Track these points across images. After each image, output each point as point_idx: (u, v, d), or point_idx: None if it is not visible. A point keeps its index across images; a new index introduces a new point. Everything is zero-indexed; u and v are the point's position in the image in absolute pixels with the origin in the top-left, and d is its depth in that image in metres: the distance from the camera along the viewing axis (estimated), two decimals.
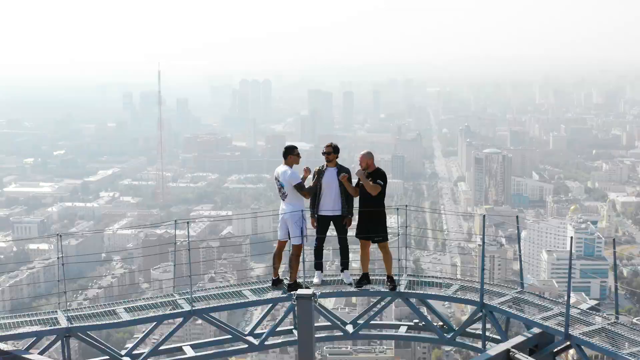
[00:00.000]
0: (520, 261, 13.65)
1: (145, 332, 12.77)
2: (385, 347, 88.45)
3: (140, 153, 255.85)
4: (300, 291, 11.73)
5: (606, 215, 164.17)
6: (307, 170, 12.65)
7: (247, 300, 12.42)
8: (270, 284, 13.06)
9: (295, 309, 12.00)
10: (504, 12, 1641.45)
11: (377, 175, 12.49)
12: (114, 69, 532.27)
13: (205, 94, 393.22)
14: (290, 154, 12.56)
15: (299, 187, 12.38)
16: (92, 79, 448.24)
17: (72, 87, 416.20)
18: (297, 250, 12.48)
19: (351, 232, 12.68)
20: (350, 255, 12.83)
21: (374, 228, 12.47)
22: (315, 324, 12.26)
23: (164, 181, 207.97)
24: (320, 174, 12.67)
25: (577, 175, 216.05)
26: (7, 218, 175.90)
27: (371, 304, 13.49)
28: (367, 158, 12.61)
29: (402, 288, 12.78)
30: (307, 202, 12.62)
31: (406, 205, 12.81)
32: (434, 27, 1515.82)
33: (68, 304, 11.63)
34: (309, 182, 12.62)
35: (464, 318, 12.38)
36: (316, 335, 12.18)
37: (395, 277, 12.89)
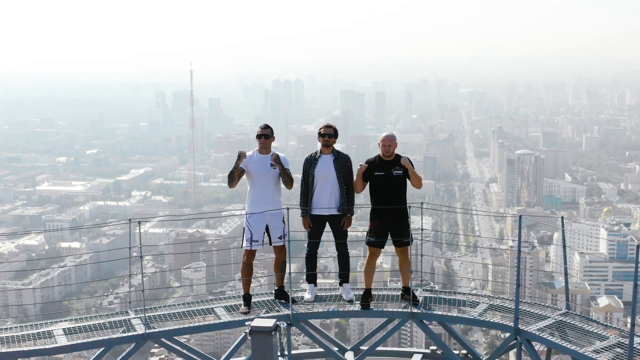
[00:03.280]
0: (566, 276, 10.37)
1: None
2: None
3: (172, 152, 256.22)
4: (257, 322, 8.16)
5: (639, 217, 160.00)
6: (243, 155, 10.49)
7: (215, 322, 9.59)
8: (265, 299, 10.45)
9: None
10: (536, 11, 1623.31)
11: (399, 164, 9.96)
12: (146, 69, 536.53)
13: (237, 94, 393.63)
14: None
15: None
16: (125, 78, 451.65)
17: (105, 86, 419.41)
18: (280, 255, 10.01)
19: (351, 232, 10.07)
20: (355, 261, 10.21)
21: (400, 229, 9.93)
22: (307, 350, 9.81)
23: (196, 181, 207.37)
24: (312, 162, 10.16)
25: (610, 177, 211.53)
26: (40, 216, 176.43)
27: (378, 324, 10.69)
28: (396, 141, 10.09)
29: (415, 307, 10.02)
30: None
31: (422, 203, 10.00)
32: (466, 27, 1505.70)
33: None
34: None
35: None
36: None
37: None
